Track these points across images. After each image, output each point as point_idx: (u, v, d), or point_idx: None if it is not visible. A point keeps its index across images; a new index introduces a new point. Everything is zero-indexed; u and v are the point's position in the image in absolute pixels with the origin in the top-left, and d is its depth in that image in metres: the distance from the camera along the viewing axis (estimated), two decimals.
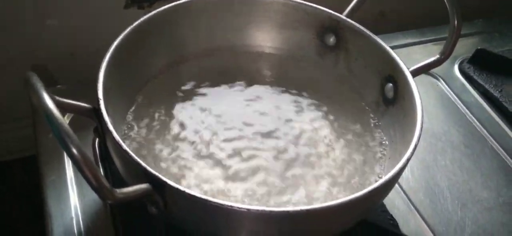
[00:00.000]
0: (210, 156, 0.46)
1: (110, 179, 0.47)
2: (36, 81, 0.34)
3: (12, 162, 0.70)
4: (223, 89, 0.53)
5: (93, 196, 0.47)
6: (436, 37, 0.69)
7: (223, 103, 0.51)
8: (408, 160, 0.40)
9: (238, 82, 0.53)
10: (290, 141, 0.48)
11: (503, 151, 0.57)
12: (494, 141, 0.58)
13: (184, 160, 0.45)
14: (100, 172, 0.33)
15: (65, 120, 0.32)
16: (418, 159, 0.54)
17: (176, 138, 0.47)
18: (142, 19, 0.48)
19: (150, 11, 0.50)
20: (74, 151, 0.31)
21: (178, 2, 0.51)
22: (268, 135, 0.48)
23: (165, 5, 0.51)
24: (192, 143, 0.47)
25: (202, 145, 0.46)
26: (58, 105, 0.33)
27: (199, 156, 0.46)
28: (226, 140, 0.47)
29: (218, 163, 0.45)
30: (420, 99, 0.44)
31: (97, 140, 0.50)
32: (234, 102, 0.51)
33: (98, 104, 0.40)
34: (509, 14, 0.78)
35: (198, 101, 0.51)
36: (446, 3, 0.48)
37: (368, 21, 0.53)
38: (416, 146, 0.41)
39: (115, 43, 0.45)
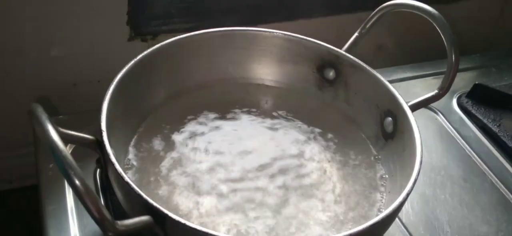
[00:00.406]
0: (210, 189, 0.46)
1: (111, 210, 0.47)
2: (41, 113, 0.34)
3: (12, 191, 0.70)
4: (223, 121, 0.53)
5: (93, 226, 0.47)
6: (435, 71, 0.70)
7: (224, 135, 0.51)
8: (408, 194, 0.40)
9: (239, 115, 0.54)
10: (289, 173, 0.48)
11: (502, 186, 0.57)
12: (493, 176, 0.58)
13: (184, 192, 0.45)
14: (102, 204, 0.33)
15: (68, 152, 0.33)
16: (417, 193, 0.54)
17: (177, 171, 0.47)
18: (145, 52, 0.49)
19: (153, 44, 0.51)
20: (77, 183, 0.32)
21: (180, 36, 0.53)
22: (267, 167, 0.49)
23: (168, 38, 0.52)
24: (193, 175, 0.47)
25: (202, 178, 0.47)
26: (62, 136, 0.33)
27: (199, 189, 0.46)
28: (225, 173, 0.47)
29: (217, 196, 0.45)
30: (419, 134, 0.45)
31: (98, 170, 0.51)
32: (234, 134, 0.52)
33: (101, 136, 0.41)
34: (506, 49, 0.79)
35: (199, 133, 0.51)
36: (444, 40, 0.49)
37: (366, 55, 0.54)
38: (416, 180, 0.41)
39: (119, 75, 0.46)
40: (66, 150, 0.32)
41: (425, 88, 0.54)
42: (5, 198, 0.71)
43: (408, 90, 0.66)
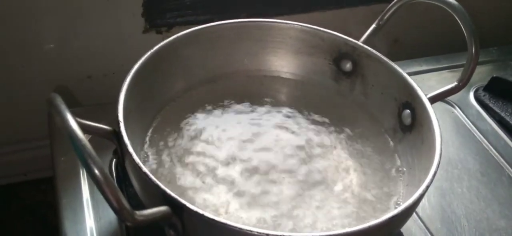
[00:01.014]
0: (227, 180, 0.46)
1: (127, 201, 0.47)
2: (60, 102, 0.34)
3: (26, 183, 0.70)
4: (240, 113, 0.53)
5: (109, 218, 0.47)
6: (451, 65, 0.69)
7: (240, 127, 0.51)
8: (427, 187, 0.40)
9: (254, 106, 0.54)
10: (307, 165, 0.48)
11: None
12: (511, 170, 0.57)
13: (202, 183, 0.45)
14: (121, 194, 0.33)
15: (88, 142, 0.32)
16: (434, 187, 0.54)
17: (194, 161, 0.47)
18: (162, 43, 0.49)
19: (168, 36, 0.51)
20: (97, 172, 0.32)
21: (195, 27, 0.52)
22: (283, 159, 0.48)
23: (183, 30, 0.52)
24: (210, 166, 0.47)
25: (220, 169, 0.46)
26: (80, 126, 0.33)
27: (217, 179, 0.46)
28: (242, 164, 0.47)
29: (235, 187, 0.45)
30: (439, 126, 0.44)
31: (114, 161, 0.51)
32: (250, 126, 0.51)
33: (118, 126, 0.41)
34: None
35: (215, 124, 0.51)
36: (464, 31, 0.48)
37: (382, 48, 0.53)
38: (435, 173, 0.41)
39: (135, 67, 0.46)
40: (85, 139, 0.32)
41: (441, 81, 0.53)
42: (20, 190, 0.71)
43: (423, 83, 0.65)
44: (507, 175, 0.57)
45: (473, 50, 0.48)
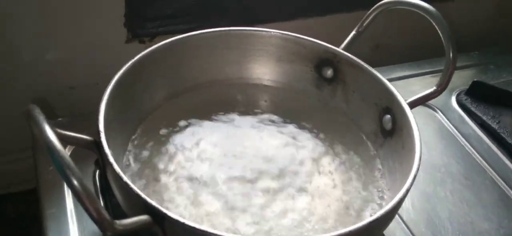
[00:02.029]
0: (209, 188, 0.46)
1: (110, 211, 0.47)
2: (38, 113, 0.34)
3: (9, 195, 0.70)
4: (221, 121, 0.53)
5: (93, 228, 0.46)
6: (433, 69, 0.70)
7: (222, 135, 0.51)
8: (407, 190, 0.40)
9: (236, 114, 0.54)
10: (288, 172, 0.48)
11: (503, 183, 0.57)
12: (494, 173, 0.58)
13: (183, 192, 0.45)
14: (101, 204, 0.33)
15: (66, 153, 0.32)
16: (418, 191, 0.54)
17: (175, 171, 0.47)
18: (142, 53, 0.49)
19: (151, 46, 0.51)
20: (76, 183, 0.32)
21: (177, 37, 0.52)
22: (265, 166, 0.48)
23: (165, 40, 0.52)
24: (191, 175, 0.47)
25: (202, 178, 0.47)
26: (60, 137, 0.33)
27: (198, 188, 0.46)
28: (224, 173, 0.47)
29: (216, 195, 0.45)
30: (418, 130, 0.45)
31: (97, 172, 0.51)
32: (232, 134, 0.52)
33: (99, 137, 0.40)
34: (503, 46, 0.79)
35: (197, 133, 0.51)
36: (442, 37, 0.49)
37: (364, 55, 0.54)
38: (415, 177, 0.41)
39: (117, 76, 0.46)
40: (63, 150, 0.32)
41: (424, 86, 0.54)
42: (3, 202, 0.71)
43: (407, 88, 0.66)
44: (490, 178, 0.57)
45: (451, 55, 0.49)
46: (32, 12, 0.57)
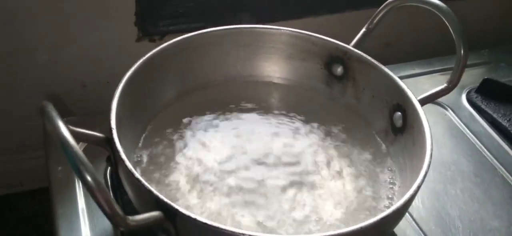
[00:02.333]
0: (221, 184, 0.46)
1: (122, 209, 0.47)
2: (52, 110, 0.34)
3: (23, 193, 0.70)
4: (232, 119, 0.53)
5: (104, 226, 0.47)
6: (443, 67, 0.70)
7: (232, 132, 0.51)
8: (418, 187, 0.40)
9: (246, 112, 0.54)
10: (299, 169, 0.48)
11: None
12: (504, 170, 0.58)
13: (194, 188, 0.45)
14: (114, 200, 0.33)
15: (79, 149, 0.33)
16: (428, 188, 0.54)
17: (187, 167, 0.47)
18: (154, 51, 0.49)
19: (161, 44, 0.51)
20: (89, 178, 0.32)
21: (188, 35, 0.53)
22: (276, 164, 0.49)
23: (175, 38, 0.52)
24: (202, 172, 0.47)
25: (212, 175, 0.47)
26: (73, 134, 0.33)
27: (210, 184, 0.46)
28: (235, 169, 0.47)
29: (227, 191, 0.45)
30: (429, 127, 0.45)
31: (109, 170, 0.51)
32: (242, 131, 0.52)
33: (111, 134, 0.41)
34: None
35: (208, 130, 0.51)
36: (453, 33, 0.49)
37: (374, 53, 0.54)
38: (426, 173, 0.41)
39: (128, 74, 0.46)
40: (77, 146, 0.33)
41: (433, 84, 0.53)
42: (16, 201, 0.71)
43: (416, 86, 0.65)
44: (500, 176, 0.57)
45: (462, 51, 0.49)
46: (46, 11, 0.58)
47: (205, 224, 0.35)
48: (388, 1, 0.54)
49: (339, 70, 0.55)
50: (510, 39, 0.83)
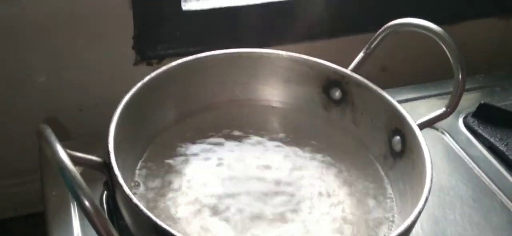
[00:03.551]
0: (217, 210, 0.45)
1: (119, 234, 0.46)
2: (49, 133, 0.34)
3: (17, 218, 0.69)
4: (230, 143, 0.53)
5: None
6: (440, 92, 0.70)
7: (231, 156, 0.51)
8: (420, 212, 0.40)
9: (245, 135, 0.54)
10: (297, 194, 0.48)
11: None
12: (503, 195, 0.57)
13: (192, 214, 0.45)
14: (111, 225, 0.33)
15: (77, 172, 0.32)
16: (427, 213, 0.54)
17: (185, 192, 0.47)
18: (152, 75, 0.49)
19: (159, 68, 0.51)
20: (87, 203, 0.32)
21: (186, 59, 0.53)
22: (273, 188, 0.48)
23: (173, 61, 0.52)
24: (201, 197, 0.46)
25: (210, 200, 0.46)
26: (70, 158, 0.33)
27: (207, 210, 0.45)
28: (233, 194, 0.47)
29: (225, 217, 0.45)
30: (429, 151, 0.45)
31: (105, 195, 0.50)
32: (241, 155, 0.51)
33: (109, 158, 0.40)
34: (509, 69, 0.79)
35: (206, 154, 0.51)
36: (450, 58, 0.49)
37: (371, 77, 0.54)
38: (426, 199, 0.41)
39: (126, 97, 0.46)
40: (75, 170, 0.32)
41: (430, 108, 0.54)
42: (10, 226, 0.70)
43: (414, 110, 0.65)
44: (499, 201, 0.57)
45: (460, 76, 0.49)
46: (44, 35, 0.58)
47: None
48: (386, 26, 0.54)
49: (337, 94, 0.55)
50: (505, 64, 0.84)
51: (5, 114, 0.62)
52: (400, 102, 0.65)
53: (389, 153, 0.51)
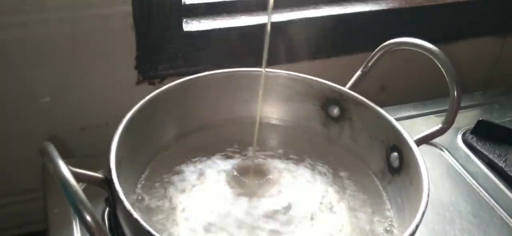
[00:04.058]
0: (219, 226, 0.46)
1: None
2: (53, 150, 0.35)
3: None
4: (229, 161, 0.53)
5: None
6: (437, 109, 0.71)
7: (231, 173, 0.52)
8: (417, 226, 0.40)
9: (245, 153, 0.54)
10: (296, 211, 0.48)
11: None
12: (502, 211, 0.58)
13: (193, 231, 0.45)
14: None
15: (80, 188, 0.33)
16: (427, 229, 0.54)
17: (185, 209, 0.47)
18: (154, 93, 0.50)
19: (161, 87, 0.52)
20: (89, 218, 0.32)
21: (187, 78, 0.54)
22: (273, 206, 0.49)
23: (174, 81, 0.53)
24: (201, 214, 0.47)
25: (210, 217, 0.47)
26: (73, 174, 0.34)
27: (208, 228, 0.46)
28: (233, 212, 0.47)
29: (226, 233, 0.45)
30: (425, 166, 0.45)
31: (106, 211, 0.51)
32: (241, 173, 0.52)
33: (110, 174, 0.41)
34: (507, 86, 0.80)
35: (206, 172, 0.52)
36: (446, 76, 0.50)
37: (368, 94, 0.55)
38: (424, 212, 0.41)
39: (128, 115, 0.47)
40: (77, 186, 0.33)
41: (428, 126, 0.54)
42: None
43: (412, 127, 0.66)
44: (499, 216, 0.57)
45: (455, 93, 0.50)
46: (47, 55, 0.59)
47: None
48: (383, 44, 0.55)
49: (335, 111, 0.56)
50: (502, 82, 0.85)
51: (8, 133, 0.63)
52: (399, 119, 0.66)
53: (387, 169, 0.52)
